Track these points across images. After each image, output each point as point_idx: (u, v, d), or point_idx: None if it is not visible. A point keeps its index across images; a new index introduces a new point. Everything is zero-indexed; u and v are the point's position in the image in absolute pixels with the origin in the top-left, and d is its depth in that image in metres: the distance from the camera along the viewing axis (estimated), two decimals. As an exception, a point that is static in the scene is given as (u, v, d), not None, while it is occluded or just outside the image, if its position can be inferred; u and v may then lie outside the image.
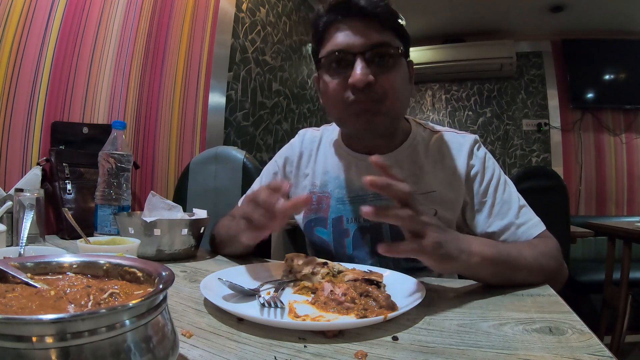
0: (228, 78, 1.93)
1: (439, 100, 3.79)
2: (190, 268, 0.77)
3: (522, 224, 0.74)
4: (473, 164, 0.79)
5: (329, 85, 0.73)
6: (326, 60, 0.73)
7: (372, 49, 0.69)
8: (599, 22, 3.11)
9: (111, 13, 1.42)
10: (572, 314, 0.50)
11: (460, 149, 0.80)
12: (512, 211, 0.75)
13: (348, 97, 0.71)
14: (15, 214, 0.89)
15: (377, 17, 0.69)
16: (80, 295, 0.30)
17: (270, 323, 0.45)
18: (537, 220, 0.75)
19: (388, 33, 0.71)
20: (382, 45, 0.69)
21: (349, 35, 0.70)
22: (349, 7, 0.69)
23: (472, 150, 0.80)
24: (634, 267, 1.95)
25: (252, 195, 0.60)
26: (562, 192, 1.83)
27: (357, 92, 0.69)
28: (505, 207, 0.75)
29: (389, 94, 0.70)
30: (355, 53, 0.69)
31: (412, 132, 0.83)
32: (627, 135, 3.20)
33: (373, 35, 0.69)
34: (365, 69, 0.68)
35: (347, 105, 0.72)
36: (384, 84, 0.70)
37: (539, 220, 0.75)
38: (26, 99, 1.18)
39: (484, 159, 0.79)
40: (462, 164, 0.78)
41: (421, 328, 0.46)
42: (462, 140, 0.81)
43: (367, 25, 0.69)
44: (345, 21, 0.70)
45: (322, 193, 0.85)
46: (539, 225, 0.74)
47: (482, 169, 0.78)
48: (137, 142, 1.54)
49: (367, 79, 0.68)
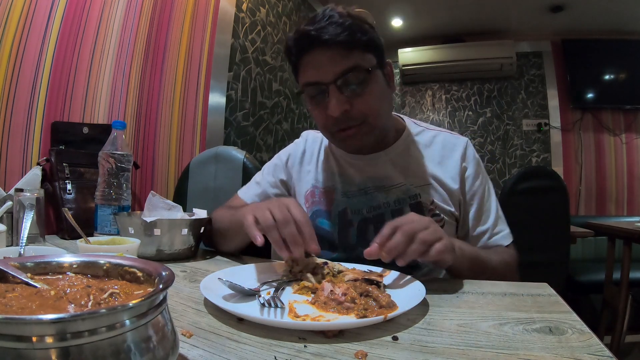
0: (228, 78, 1.93)
1: (439, 100, 3.79)
2: (190, 268, 0.77)
3: (496, 233, 0.83)
4: (466, 166, 0.84)
5: (313, 113, 0.78)
6: (304, 91, 0.76)
7: (341, 77, 0.71)
8: (599, 22, 3.11)
9: (111, 13, 1.42)
10: (572, 314, 0.50)
11: (453, 149, 0.85)
12: (490, 219, 0.84)
13: (332, 125, 0.76)
14: (15, 214, 0.89)
15: (341, 44, 0.70)
16: (80, 295, 0.30)
17: (270, 323, 0.45)
18: (507, 232, 0.85)
19: (356, 53, 0.72)
20: (351, 70, 0.71)
21: (317, 67, 0.72)
22: (311, 42, 0.71)
23: (465, 152, 0.85)
24: (634, 267, 1.95)
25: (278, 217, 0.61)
26: (562, 192, 1.84)
27: (337, 122, 0.74)
28: (487, 214, 0.84)
29: (368, 114, 0.74)
30: (327, 84, 0.71)
31: (405, 130, 0.88)
32: (627, 135, 3.20)
33: (340, 63, 0.70)
34: (338, 99, 0.71)
35: (332, 133, 0.78)
36: (360, 107, 0.73)
37: (509, 233, 0.85)
38: (26, 99, 1.18)
39: (475, 164, 0.85)
40: (455, 163, 0.83)
41: (421, 328, 0.46)
42: (455, 141, 0.86)
43: (333, 53, 0.70)
44: (312, 53, 0.72)
45: (325, 188, 0.89)
46: (509, 237, 0.84)
47: (474, 174, 0.84)
48: (137, 142, 1.54)
49: (341, 109, 0.71)
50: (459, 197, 0.83)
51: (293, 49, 0.75)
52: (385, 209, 0.83)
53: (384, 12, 3.15)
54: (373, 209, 0.84)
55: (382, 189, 0.84)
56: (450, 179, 0.82)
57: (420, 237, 0.59)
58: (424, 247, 0.58)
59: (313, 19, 0.72)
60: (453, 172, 0.83)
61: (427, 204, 0.81)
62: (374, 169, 0.85)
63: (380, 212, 0.83)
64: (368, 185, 0.85)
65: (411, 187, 0.82)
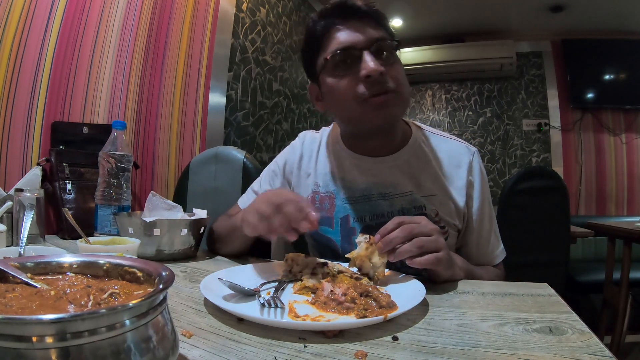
0: (228, 78, 1.93)
1: (439, 100, 3.79)
2: (190, 268, 0.77)
3: (491, 249, 0.85)
4: (472, 180, 0.83)
5: (339, 85, 0.73)
6: (331, 61, 0.73)
7: (376, 43, 0.72)
8: (599, 22, 3.11)
9: (111, 13, 1.42)
10: (572, 314, 0.50)
11: (460, 160, 0.83)
12: (491, 242, 0.85)
13: (363, 94, 0.71)
14: (15, 214, 0.89)
15: (372, 16, 0.74)
16: (80, 295, 0.30)
17: (270, 323, 0.45)
18: (501, 249, 0.87)
19: (383, 31, 0.75)
20: (384, 40, 0.73)
21: (350, 34, 0.73)
22: (346, 9, 0.73)
23: (471, 164, 0.83)
24: (634, 267, 1.94)
25: (277, 200, 0.62)
26: (562, 192, 1.84)
27: (372, 85, 0.70)
28: (486, 238, 0.84)
29: (400, 83, 0.74)
30: (362, 48, 0.72)
31: (412, 135, 0.85)
32: (627, 135, 3.20)
33: (374, 31, 0.73)
34: (376, 60, 0.71)
35: (362, 101, 0.72)
36: (393, 74, 0.73)
37: (502, 250, 0.87)
38: (26, 99, 1.18)
39: (481, 180, 0.84)
40: (462, 175, 0.82)
41: (421, 328, 0.46)
42: (461, 150, 0.84)
43: (365, 23, 0.73)
44: (343, 23, 0.74)
45: (326, 193, 0.86)
46: (501, 254, 0.86)
47: (480, 194, 0.83)
48: (137, 142, 1.53)
49: (380, 68, 0.70)
50: (464, 212, 0.82)
51: (321, 21, 0.76)
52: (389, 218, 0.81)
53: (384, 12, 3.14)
54: (376, 217, 0.82)
55: (386, 197, 0.81)
56: (456, 192, 0.81)
57: (418, 240, 0.59)
58: (417, 250, 0.59)
59: None
60: (459, 184, 0.81)
61: (432, 215, 0.79)
62: (380, 174, 0.82)
63: (384, 220, 0.78)
64: (372, 193, 0.82)
65: (418, 197, 0.80)
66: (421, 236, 0.60)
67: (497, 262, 0.85)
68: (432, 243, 0.60)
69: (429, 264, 0.59)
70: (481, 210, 0.82)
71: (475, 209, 0.82)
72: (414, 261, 0.59)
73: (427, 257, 0.59)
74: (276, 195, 0.64)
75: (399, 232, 0.59)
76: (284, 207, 0.61)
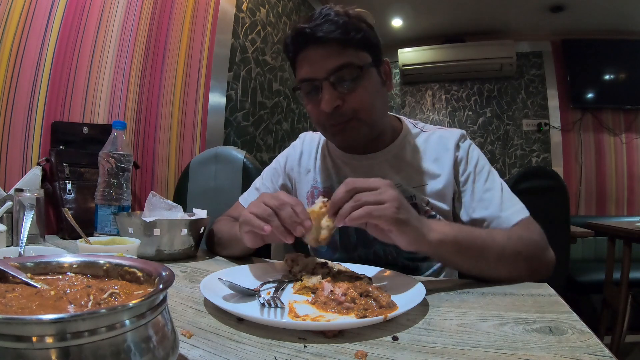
0: (228, 78, 1.93)
1: (439, 100, 3.79)
2: (190, 268, 0.77)
3: (504, 211, 0.75)
4: (458, 154, 0.82)
5: (308, 108, 0.79)
6: (300, 88, 0.78)
7: (334, 73, 0.72)
8: (599, 22, 3.11)
9: (111, 13, 1.42)
10: (572, 314, 0.50)
11: (447, 143, 0.83)
12: (495, 199, 0.76)
13: (324, 120, 0.77)
14: (15, 214, 0.89)
15: (335, 41, 0.72)
16: (80, 295, 0.30)
17: (270, 323, 0.45)
18: (519, 207, 0.75)
19: (349, 51, 0.73)
20: (344, 67, 0.72)
21: (312, 64, 0.74)
22: (307, 39, 0.73)
23: (458, 142, 0.83)
24: (634, 267, 1.94)
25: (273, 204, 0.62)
26: (562, 192, 1.83)
27: (328, 117, 0.76)
28: (488, 194, 0.77)
29: (358, 110, 0.75)
30: (321, 80, 0.73)
31: (402, 130, 0.87)
32: (627, 135, 3.19)
33: (333, 60, 0.72)
34: (331, 95, 0.73)
35: (325, 127, 0.79)
36: (351, 103, 0.74)
37: (522, 207, 0.76)
38: (26, 99, 1.18)
39: (467, 149, 0.83)
40: (449, 156, 0.82)
41: (421, 328, 0.46)
42: (449, 135, 0.85)
43: (327, 50, 0.72)
44: (307, 50, 0.74)
45: (324, 188, 0.89)
46: (522, 211, 0.75)
47: (466, 158, 0.82)
48: (137, 142, 1.53)
49: (331, 105, 0.73)
50: (454, 188, 0.81)
51: (290, 47, 0.77)
52: None
53: (384, 12, 3.15)
54: None
55: None
56: (446, 171, 0.81)
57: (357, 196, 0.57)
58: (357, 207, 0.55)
59: (310, 17, 0.74)
60: (448, 163, 0.81)
61: (423, 205, 0.80)
62: (369, 169, 0.85)
63: None
64: None
65: (407, 189, 0.81)
66: (363, 192, 0.57)
67: (512, 223, 0.73)
68: (374, 196, 0.56)
69: (362, 217, 0.55)
70: (470, 170, 0.80)
71: (462, 170, 0.81)
72: (349, 217, 0.56)
73: (359, 211, 0.55)
74: (272, 197, 0.64)
75: (344, 194, 0.58)
76: (280, 210, 0.61)
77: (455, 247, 0.62)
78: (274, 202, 0.62)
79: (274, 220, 0.61)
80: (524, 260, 0.66)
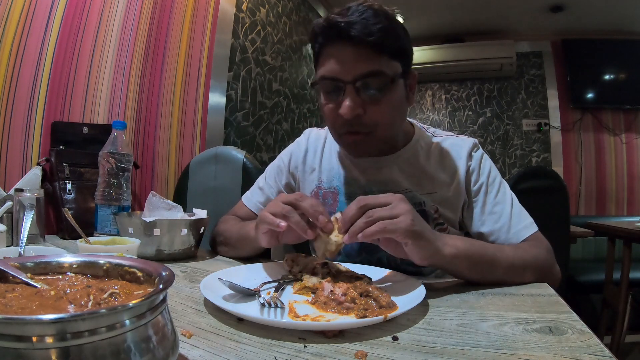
0: (228, 78, 1.93)
1: (439, 100, 3.79)
2: (190, 268, 0.77)
3: (513, 226, 0.74)
4: (470, 164, 0.81)
5: (324, 107, 0.74)
6: (319, 84, 0.72)
7: (362, 79, 0.67)
8: (599, 22, 3.11)
9: (111, 13, 1.42)
10: (572, 314, 0.50)
11: (460, 152, 0.81)
12: (505, 213, 0.75)
13: (340, 126, 0.72)
14: (15, 214, 0.89)
15: (369, 44, 0.65)
16: (80, 295, 0.30)
17: (270, 323, 0.45)
18: (529, 222, 0.75)
19: (382, 58, 0.67)
20: (373, 75, 0.67)
21: (339, 62, 0.68)
22: (340, 34, 0.66)
23: (471, 152, 0.82)
24: (634, 267, 1.95)
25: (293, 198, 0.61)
26: (562, 192, 1.83)
27: (344, 124, 0.71)
28: (498, 207, 0.76)
29: (379, 124, 0.71)
30: (345, 82, 0.68)
31: (414, 136, 0.84)
32: (627, 135, 3.20)
33: (363, 64, 0.66)
34: (354, 101, 0.67)
35: (339, 134, 0.75)
36: (373, 115, 0.70)
37: (531, 222, 0.75)
38: (26, 99, 1.18)
39: (480, 160, 0.81)
40: (461, 165, 0.80)
41: (421, 328, 0.46)
42: (461, 143, 0.83)
43: (359, 52, 0.66)
44: (337, 46, 0.68)
45: (329, 189, 0.87)
46: (531, 227, 0.74)
47: (478, 169, 0.80)
48: (137, 142, 1.53)
49: (354, 112, 0.68)
50: (464, 198, 0.80)
51: (318, 37, 0.70)
52: None
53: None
54: None
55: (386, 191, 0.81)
56: (457, 180, 0.79)
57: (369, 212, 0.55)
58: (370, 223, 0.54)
59: (346, 11, 0.67)
60: (459, 172, 0.79)
61: (432, 212, 0.78)
62: (379, 173, 0.82)
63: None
64: (372, 190, 0.82)
65: (417, 195, 0.79)
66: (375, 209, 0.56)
67: (521, 238, 0.73)
68: (387, 211, 0.55)
69: (376, 232, 0.54)
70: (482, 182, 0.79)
71: (474, 181, 0.79)
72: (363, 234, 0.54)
73: (373, 226, 0.54)
74: (288, 195, 0.63)
75: (357, 210, 0.56)
76: (300, 203, 0.60)
77: (467, 261, 0.62)
78: (293, 196, 0.61)
79: (293, 217, 0.59)
80: (531, 275, 0.66)
